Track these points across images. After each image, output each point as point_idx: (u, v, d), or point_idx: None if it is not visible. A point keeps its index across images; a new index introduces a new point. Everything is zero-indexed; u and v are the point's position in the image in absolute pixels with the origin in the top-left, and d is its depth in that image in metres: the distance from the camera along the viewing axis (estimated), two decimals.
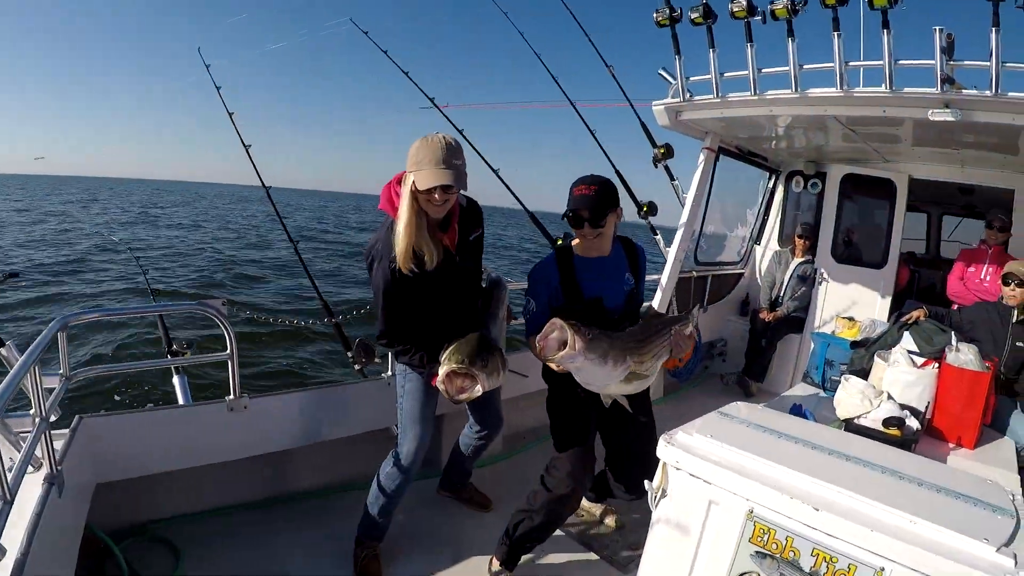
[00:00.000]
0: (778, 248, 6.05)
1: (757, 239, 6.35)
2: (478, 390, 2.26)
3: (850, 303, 5.36)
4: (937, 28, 3.02)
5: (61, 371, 2.43)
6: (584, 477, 2.57)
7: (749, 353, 5.63)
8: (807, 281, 5.51)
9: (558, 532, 2.95)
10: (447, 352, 2.29)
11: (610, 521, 3.28)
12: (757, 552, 1.80)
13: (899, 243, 5.21)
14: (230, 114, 3.86)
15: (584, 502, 3.31)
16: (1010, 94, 3.00)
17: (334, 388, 3.27)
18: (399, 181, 2.30)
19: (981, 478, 1.93)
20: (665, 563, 2.06)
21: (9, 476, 1.65)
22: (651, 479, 2.07)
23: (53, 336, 2.23)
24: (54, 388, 2.34)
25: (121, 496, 2.71)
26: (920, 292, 5.91)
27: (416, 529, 3.10)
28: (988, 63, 2.96)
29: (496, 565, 2.73)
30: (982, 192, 5.17)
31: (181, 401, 3.41)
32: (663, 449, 2.05)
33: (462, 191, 2.35)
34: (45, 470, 2.06)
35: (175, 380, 3.50)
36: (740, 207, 6.42)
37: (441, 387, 2.24)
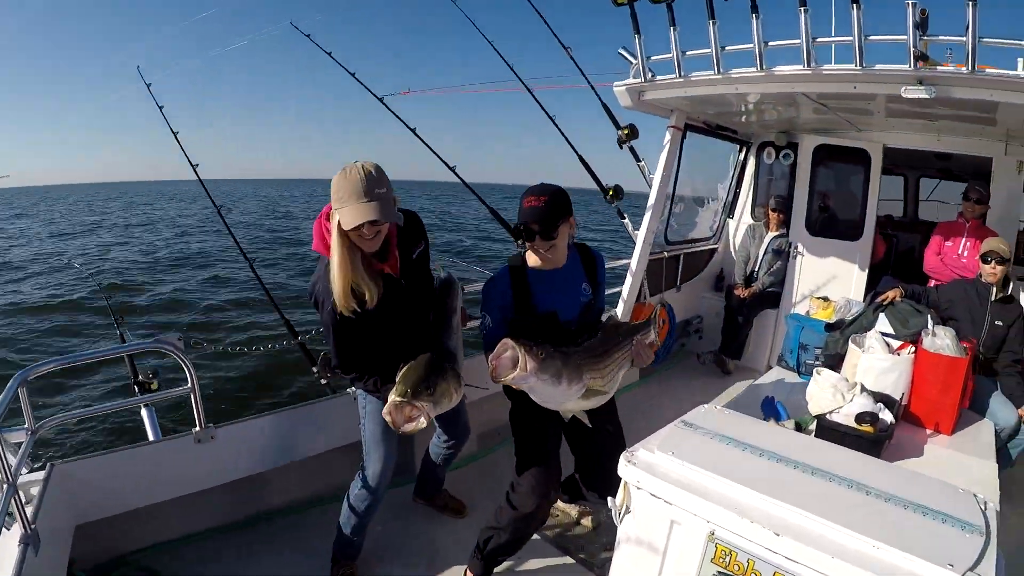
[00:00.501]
0: (752, 222, 5.95)
1: (730, 213, 6.25)
2: (422, 422, 2.16)
3: (826, 277, 5.29)
4: (909, 2, 2.87)
5: (27, 425, 2.49)
6: (549, 492, 2.51)
7: (725, 330, 5.54)
8: (782, 255, 5.43)
9: (538, 537, 2.99)
10: (397, 378, 2.20)
11: (586, 521, 3.25)
12: (719, 573, 1.75)
13: (875, 214, 5.11)
14: (174, 133, 3.81)
15: (559, 503, 3.27)
16: (988, 70, 2.90)
17: (301, 408, 3.22)
18: (328, 216, 2.19)
19: (953, 487, 1.85)
20: None
21: None
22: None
23: (14, 393, 2.24)
24: (22, 442, 2.43)
25: (102, 532, 2.74)
26: (899, 257, 5.87)
27: (392, 540, 3.11)
28: (964, 38, 2.83)
29: None
30: (960, 159, 5.08)
31: (150, 434, 3.41)
32: (624, 468, 1.98)
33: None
34: (19, 530, 2.08)
35: (143, 413, 3.50)
36: (710, 181, 6.31)
37: (388, 419, 2.13)
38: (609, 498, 2.05)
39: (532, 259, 2.41)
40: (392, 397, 2.11)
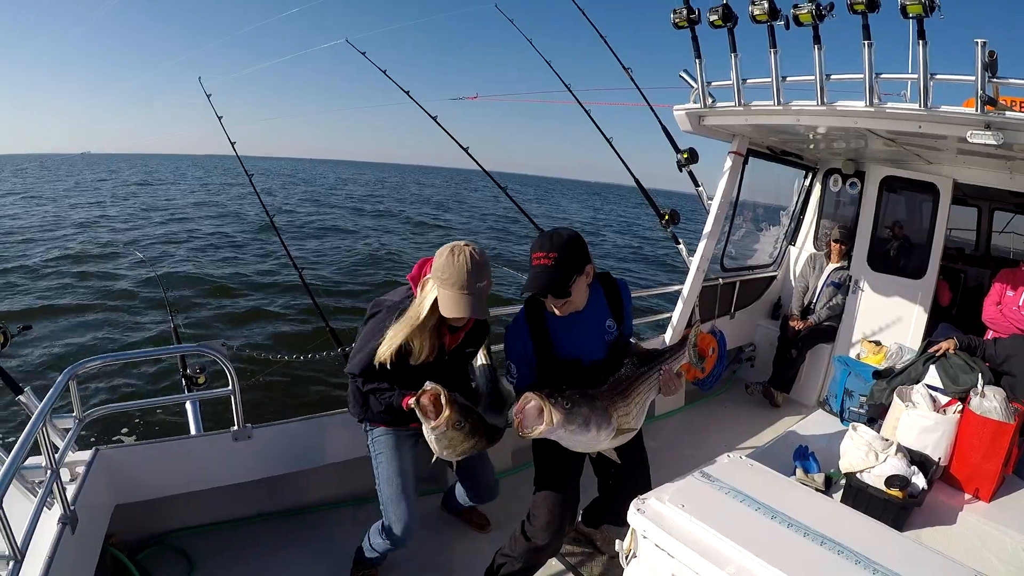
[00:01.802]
0: (813, 251, 5.76)
1: (792, 240, 6.06)
2: (442, 425, 2.17)
3: (885, 315, 5.06)
4: (979, 41, 2.72)
5: (75, 413, 2.69)
6: (563, 527, 2.50)
7: (777, 362, 5.37)
8: (841, 289, 5.24)
9: (555, 562, 3.02)
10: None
11: (606, 548, 3.22)
12: None
13: (940, 251, 4.85)
14: (232, 143, 4.02)
15: (580, 526, 3.26)
16: None
17: (336, 415, 3.31)
18: (429, 272, 2.31)
19: (969, 570, 1.77)
20: None
21: (20, 528, 1.89)
22: None
23: (64, 386, 2.44)
24: (70, 428, 2.63)
25: (139, 513, 2.93)
26: (966, 293, 5.56)
27: (414, 549, 3.12)
28: None
29: None
30: None
31: (193, 427, 3.56)
32: (633, 516, 1.97)
33: None
34: (59, 510, 2.23)
35: (188, 406, 3.63)
36: (773, 205, 6.13)
37: (413, 402, 2.20)
38: (617, 540, 2.04)
39: (549, 305, 2.32)
40: (431, 385, 2.16)
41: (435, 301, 2.26)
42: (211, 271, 14.44)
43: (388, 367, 2.32)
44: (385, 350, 2.28)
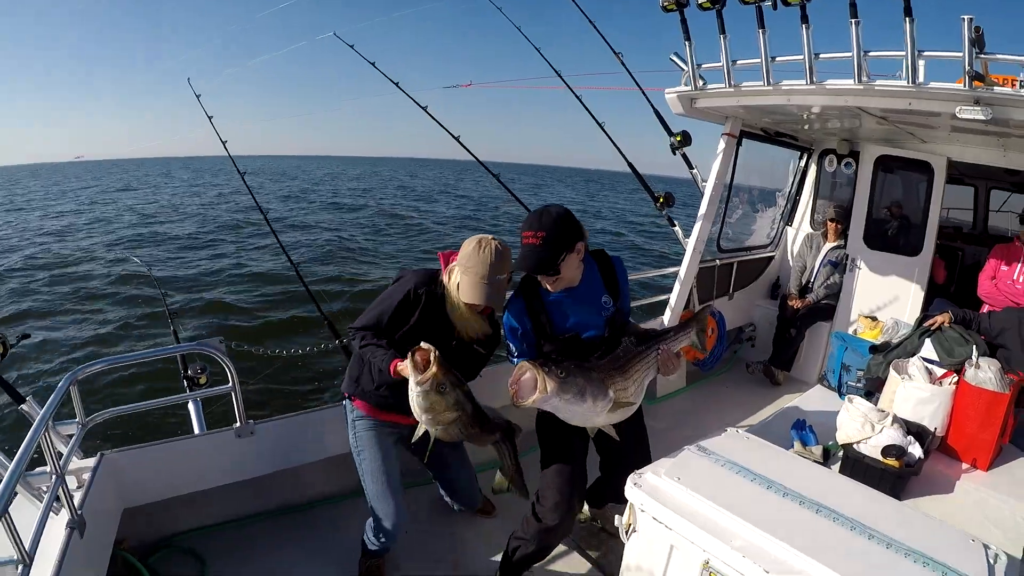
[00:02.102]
0: (810, 231, 5.78)
1: (789, 220, 6.08)
2: (427, 381, 2.16)
3: (882, 293, 5.09)
4: (965, 18, 2.72)
5: (77, 419, 2.71)
6: (573, 506, 2.52)
7: (777, 341, 5.42)
8: (838, 267, 5.27)
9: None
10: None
11: (609, 528, 3.25)
12: None
13: (936, 229, 4.88)
14: (223, 142, 4.02)
15: (586, 508, 3.29)
16: None
17: (335, 408, 3.31)
18: (455, 261, 2.46)
19: (965, 537, 1.79)
20: None
21: (28, 535, 1.91)
22: None
23: (66, 391, 2.45)
24: (73, 434, 2.65)
25: (148, 515, 2.95)
26: (963, 271, 5.58)
27: (421, 536, 3.20)
28: (1021, 57, 2.69)
29: None
30: None
31: (196, 426, 3.59)
32: (630, 490, 2.02)
33: None
34: (66, 515, 2.25)
35: (190, 406, 3.66)
36: (769, 187, 6.15)
37: (403, 365, 2.21)
38: (617, 516, 2.08)
39: (543, 281, 2.34)
40: (435, 349, 2.17)
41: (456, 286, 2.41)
42: (205, 270, 14.55)
43: (415, 317, 2.47)
44: (459, 322, 2.50)
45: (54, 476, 2.22)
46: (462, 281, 2.38)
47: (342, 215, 27.19)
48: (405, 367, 2.18)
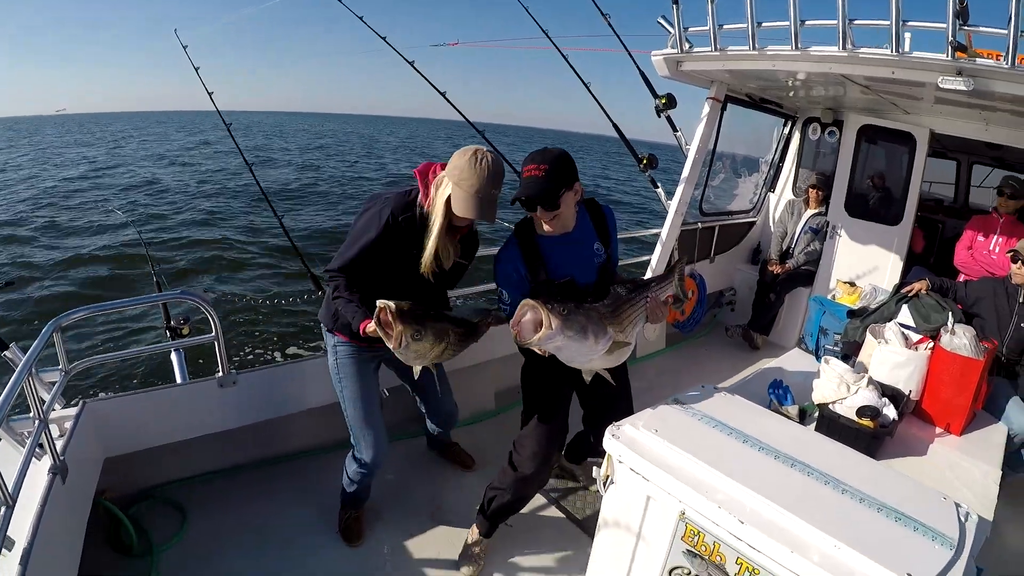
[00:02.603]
0: (792, 198, 5.81)
1: (771, 187, 6.11)
2: (397, 342, 2.12)
3: (861, 260, 5.16)
4: None
5: (61, 366, 2.69)
6: (550, 456, 2.55)
7: (756, 305, 5.48)
8: (819, 234, 5.32)
9: (539, 496, 3.09)
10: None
11: (587, 482, 3.30)
12: (688, 551, 1.80)
13: (917, 199, 4.94)
14: (210, 93, 3.90)
15: (564, 463, 3.34)
16: None
17: (317, 358, 3.31)
18: (441, 171, 2.30)
19: (937, 494, 1.82)
20: (612, 548, 2.09)
21: (11, 479, 1.91)
22: None
23: (49, 337, 2.44)
24: (56, 380, 2.63)
25: (129, 465, 2.94)
26: (943, 243, 5.66)
27: (401, 488, 3.24)
28: (1005, 31, 2.67)
29: (475, 535, 2.79)
30: (1011, 149, 4.83)
31: (178, 376, 3.59)
32: (608, 441, 2.03)
33: None
34: (49, 460, 2.26)
35: (173, 356, 3.66)
36: (753, 153, 6.15)
37: (372, 326, 2.13)
38: (595, 467, 2.09)
39: (540, 225, 2.29)
40: (390, 304, 2.09)
41: (447, 200, 2.25)
42: (187, 223, 14.43)
43: (391, 254, 2.33)
44: (427, 259, 2.30)
45: (37, 421, 2.21)
46: (454, 194, 2.22)
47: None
48: (374, 330, 2.12)
